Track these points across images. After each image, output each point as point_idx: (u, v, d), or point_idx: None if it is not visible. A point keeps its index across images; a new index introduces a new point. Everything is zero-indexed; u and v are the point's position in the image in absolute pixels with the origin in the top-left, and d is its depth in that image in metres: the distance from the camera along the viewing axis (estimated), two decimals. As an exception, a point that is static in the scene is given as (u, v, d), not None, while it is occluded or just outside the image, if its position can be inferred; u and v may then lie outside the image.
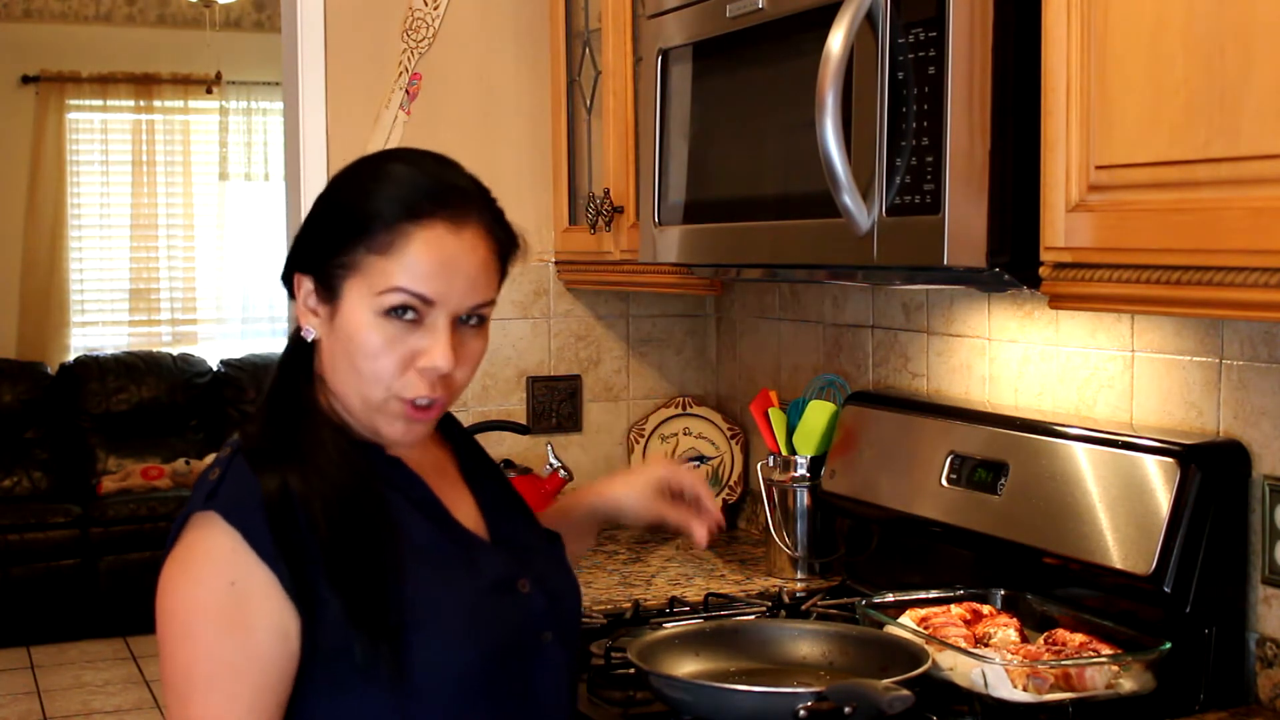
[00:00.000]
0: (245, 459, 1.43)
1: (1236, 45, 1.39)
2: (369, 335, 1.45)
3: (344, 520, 1.41)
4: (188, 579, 1.39)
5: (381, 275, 1.44)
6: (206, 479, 1.43)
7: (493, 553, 1.54)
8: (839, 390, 2.59)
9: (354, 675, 1.40)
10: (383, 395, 1.46)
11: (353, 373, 1.47)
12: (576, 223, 2.89)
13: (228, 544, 1.37)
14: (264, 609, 1.37)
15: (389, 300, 1.44)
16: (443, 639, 1.43)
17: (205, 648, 1.37)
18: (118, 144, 7.40)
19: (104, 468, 6.53)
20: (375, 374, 1.45)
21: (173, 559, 1.40)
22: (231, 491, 1.40)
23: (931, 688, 1.74)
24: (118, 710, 5.26)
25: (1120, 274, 1.54)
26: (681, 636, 1.89)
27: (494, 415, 2.94)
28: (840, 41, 1.74)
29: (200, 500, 1.41)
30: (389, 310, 1.44)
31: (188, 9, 7.27)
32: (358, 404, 1.48)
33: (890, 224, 1.76)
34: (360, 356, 1.45)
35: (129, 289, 7.46)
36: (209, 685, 1.36)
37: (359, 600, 1.39)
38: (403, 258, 1.44)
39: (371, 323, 1.45)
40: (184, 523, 1.41)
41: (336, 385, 1.49)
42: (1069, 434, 1.99)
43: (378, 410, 1.47)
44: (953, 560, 2.17)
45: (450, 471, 1.62)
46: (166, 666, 1.39)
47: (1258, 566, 1.83)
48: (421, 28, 2.91)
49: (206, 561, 1.38)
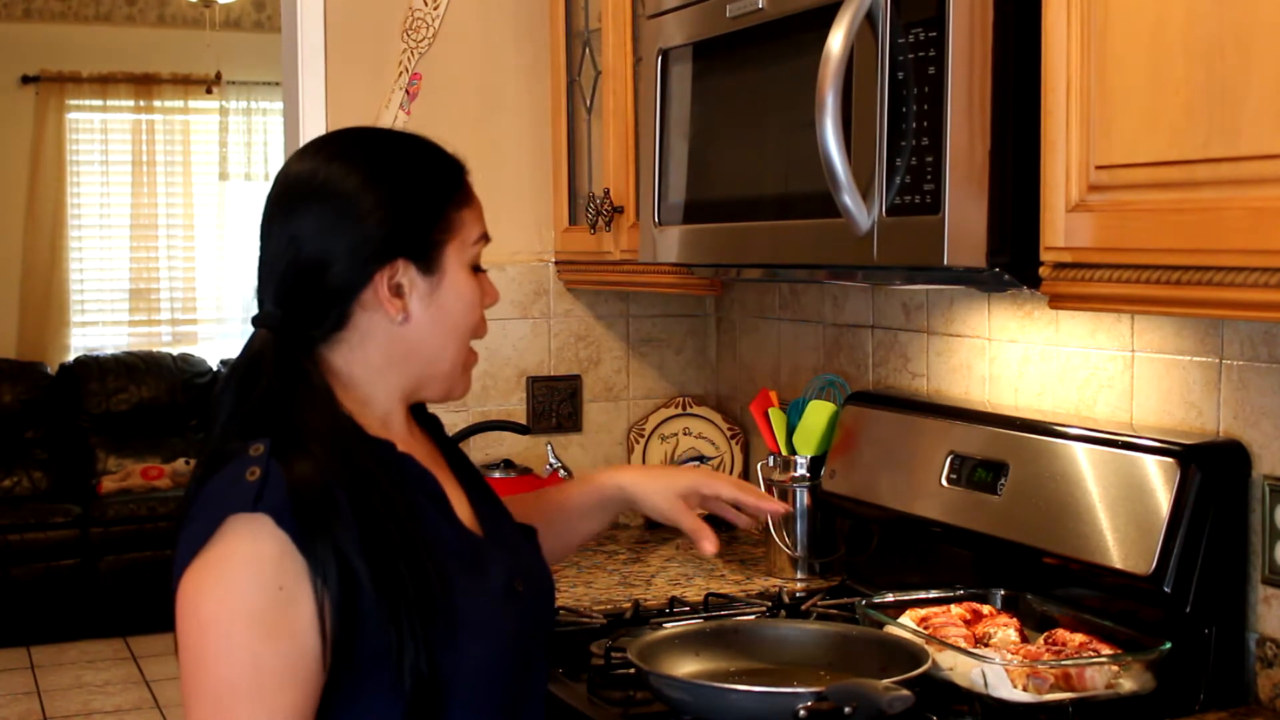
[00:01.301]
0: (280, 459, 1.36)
1: (1236, 45, 1.39)
2: (470, 289, 1.53)
3: (387, 521, 1.38)
4: (230, 583, 1.32)
5: (469, 226, 1.54)
6: (242, 480, 1.34)
7: (495, 551, 1.54)
8: (839, 390, 2.59)
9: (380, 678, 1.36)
10: (467, 350, 1.55)
11: (452, 335, 1.52)
12: (576, 223, 2.89)
13: (276, 547, 1.31)
14: (311, 614, 1.32)
15: (477, 249, 1.54)
16: (467, 638, 1.42)
17: (250, 656, 1.30)
18: (118, 144, 7.41)
19: (104, 468, 6.53)
20: (471, 325, 1.54)
21: (207, 562, 1.32)
22: (278, 494, 1.33)
23: (931, 688, 1.74)
24: (118, 710, 5.26)
25: (1120, 274, 1.54)
26: (681, 636, 1.89)
27: (494, 415, 2.94)
28: (840, 41, 1.74)
29: (243, 502, 1.33)
30: (475, 267, 1.54)
31: (188, 9, 7.27)
32: (449, 368, 1.54)
33: (890, 224, 1.76)
34: (465, 313, 1.52)
35: (129, 289, 7.46)
36: (255, 696, 1.30)
37: (404, 603, 1.35)
38: (475, 205, 1.56)
39: (469, 279, 1.54)
40: (215, 525, 1.33)
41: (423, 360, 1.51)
42: (1069, 434, 1.99)
43: (464, 368, 1.56)
44: (953, 560, 2.17)
45: (442, 462, 1.61)
46: (199, 676, 1.31)
47: (1258, 566, 1.83)
48: (421, 28, 2.91)
49: (253, 564, 1.31)
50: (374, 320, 1.48)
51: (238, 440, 1.40)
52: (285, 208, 1.50)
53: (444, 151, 1.58)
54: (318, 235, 1.47)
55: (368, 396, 1.50)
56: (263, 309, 1.50)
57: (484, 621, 1.45)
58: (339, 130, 1.63)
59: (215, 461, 1.40)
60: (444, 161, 1.56)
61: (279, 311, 1.48)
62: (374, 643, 1.35)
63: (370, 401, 1.50)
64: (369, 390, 1.50)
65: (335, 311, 1.48)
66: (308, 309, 1.48)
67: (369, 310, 1.48)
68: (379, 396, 1.50)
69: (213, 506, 1.35)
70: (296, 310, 1.48)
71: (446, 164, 1.56)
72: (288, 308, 1.48)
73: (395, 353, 1.50)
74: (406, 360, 1.51)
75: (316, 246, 1.47)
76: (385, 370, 1.50)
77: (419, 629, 1.36)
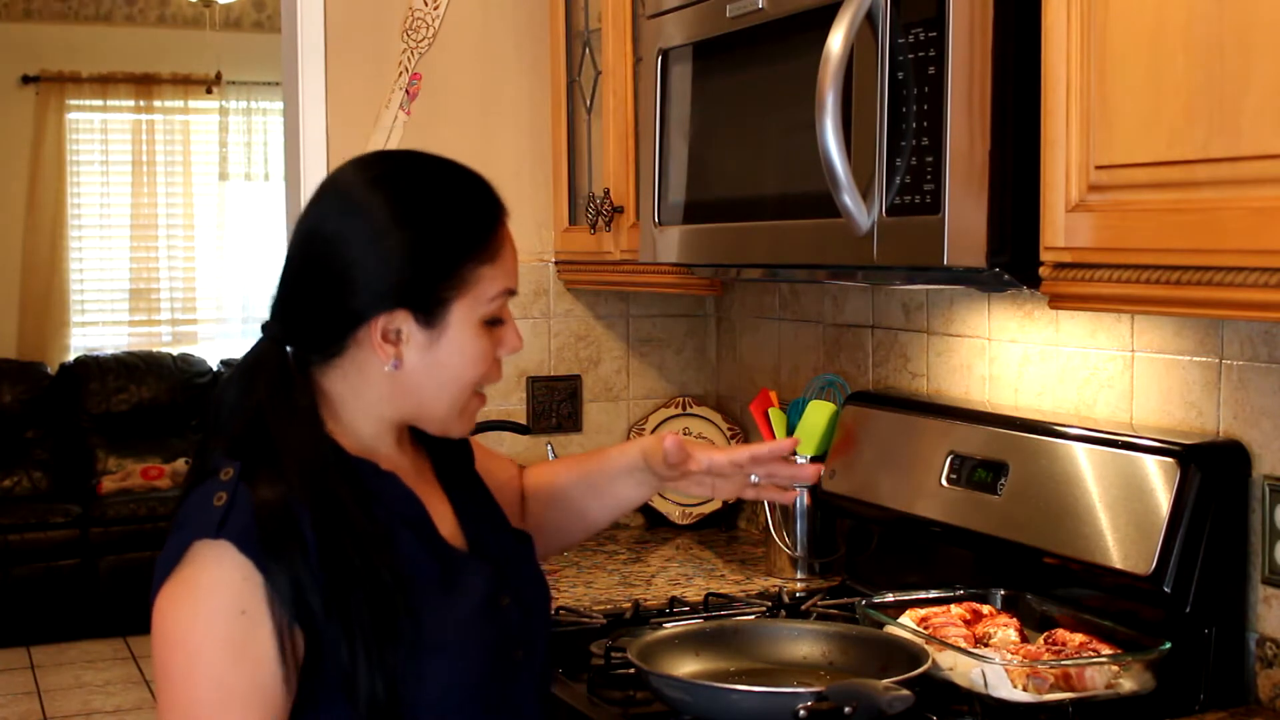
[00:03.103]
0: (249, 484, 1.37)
1: (1236, 45, 1.39)
2: (476, 344, 1.48)
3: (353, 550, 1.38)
4: (195, 608, 1.34)
5: (490, 282, 1.47)
6: (210, 505, 1.36)
7: (477, 568, 1.52)
8: (839, 390, 2.59)
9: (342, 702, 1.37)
10: (467, 397, 1.50)
11: (450, 385, 1.48)
12: (576, 223, 2.89)
13: (239, 573, 1.33)
14: (272, 638, 1.33)
15: (496, 305, 1.47)
16: (435, 662, 1.42)
17: (215, 677, 1.33)
18: (118, 144, 7.40)
19: (104, 468, 6.52)
20: (473, 378, 1.49)
21: (176, 586, 1.35)
22: (242, 520, 1.35)
23: (931, 688, 1.74)
24: (118, 710, 5.26)
25: (1120, 274, 1.54)
26: (681, 636, 1.89)
27: (494, 415, 2.94)
28: (840, 41, 1.74)
29: (208, 528, 1.35)
30: (491, 317, 1.48)
31: (188, 9, 7.27)
32: (444, 413, 1.49)
33: (890, 224, 1.76)
34: (466, 367, 1.47)
35: (129, 289, 7.46)
36: (221, 716, 1.33)
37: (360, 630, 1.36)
38: (504, 258, 1.49)
39: (478, 333, 1.48)
40: (183, 549, 1.36)
41: (412, 403, 1.48)
42: (1069, 434, 1.99)
43: (460, 413, 1.51)
44: (953, 560, 2.17)
45: (429, 476, 1.59)
46: (169, 693, 1.35)
47: (1258, 566, 1.83)
48: (421, 28, 2.91)
49: (217, 590, 1.34)
50: (369, 358, 1.47)
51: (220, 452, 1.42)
52: (320, 215, 1.49)
53: (485, 195, 1.51)
54: (336, 256, 1.45)
55: (354, 422, 1.49)
56: (271, 316, 1.51)
57: (455, 642, 1.44)
58: (396, 151, 1.60)
59: (197, 476, 1.42)
60: (478, 209, 1.49)
61: (279, 326, 1.49)
62: (333, 667, 1.36)
63: (355, 427, 1.49)
64: (356, 418, 1.49)
65: (332, 337, 1.47)
66: (308, 327, 1.48)
67: (364, 348, 1.46)
68: (366, 424, 1.49)
69: (184, 529, 1.38)
70: (297, 327, 1.49)
71: (480, 212, 1.49)
72: (289, 322, 1.49)
73: (385, 392, 1.48)
74: (395, 400, 1.49)
75: (333, 267, 1.45)
76: (376, 404, 1.49)
77: (375, 655, 1.36)
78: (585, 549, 2.81)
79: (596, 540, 2.89)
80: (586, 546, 2.83)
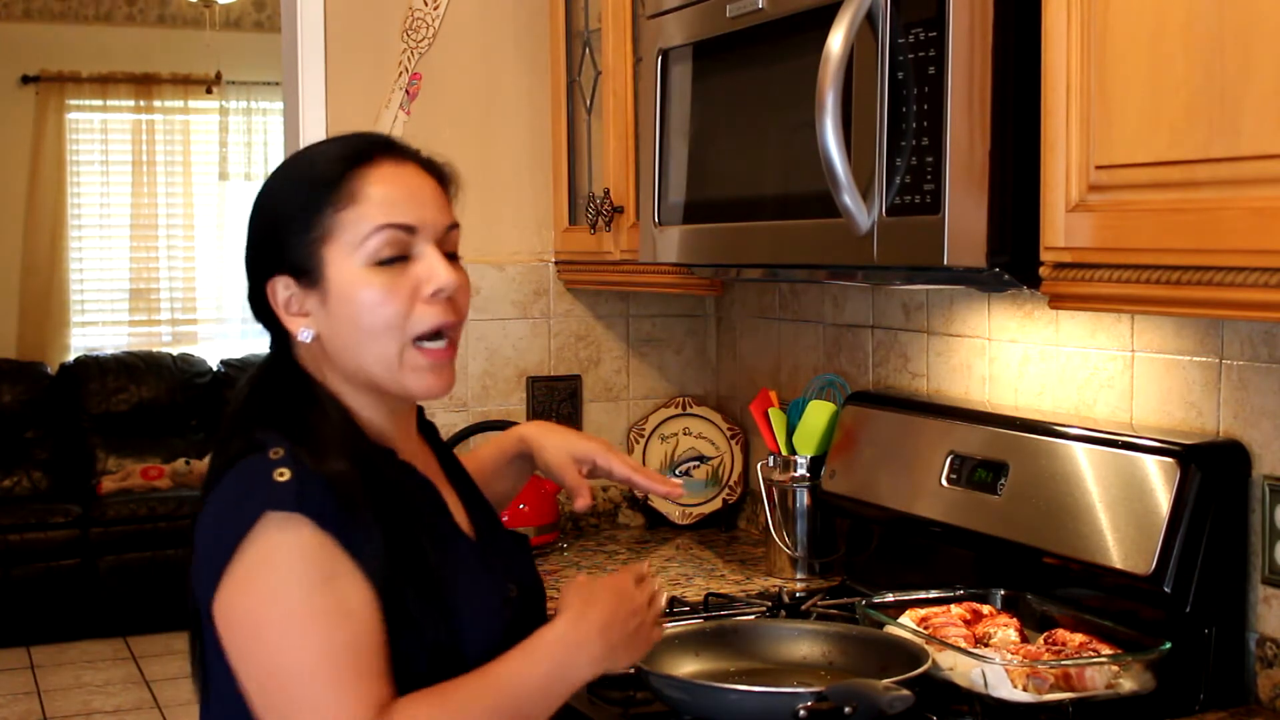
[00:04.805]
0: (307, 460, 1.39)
1: (1236, 45, 1.39)
2: (367, 288, 1.44)
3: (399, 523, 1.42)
4: (282, 580, 1.35)
5: (357, 223, 1.45)
6: (270, 478, 1.37)
7: (491, 559, 1.55)
8: (839, 390, 2.59)
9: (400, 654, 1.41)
10: (398, 345, 1.46)
11: (364, 336, 1.45)
12: (576, 223, 2.89)
13: (316, 540, 1.35)
14: (363, 599, 1.37)
15: (375, 242, 1.44)
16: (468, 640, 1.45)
17: (322, 643, 1.34)
18: (118, 144, 7.40)
19: (104, 468, 6.52)
20: (386, 323, 1.45)
21: (251, 562, 1.36)
22: (316, 493, 1.37)
23: (931, 688, 1.74)
24: (118, 710, 5.26)
25: (1120, 274, 1.54)
26: (681, 636, 1.89)
27: (494, 415, 2.94)
28: (840, 41, 1.75)
29: (283, 501, 1.36)
30: (380, 261, 1.44)
31: (188, 9, 7.27)
32: (381, 370, 1.47)
33: (890, 224, 1.76)
34: (365, 313, 1.44)
35: (129, 289, 7.46)
36: (336, 678, 1.34)
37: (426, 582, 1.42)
38: (370, 198, 1.45)
39: (366, 276, 1.45)
40: (253, 520, 1.36)
41: (352, 366, 1.48)
42: (1069, 434, 1.99)
43: (400, 367, 1.46)
44: (953, 560, 2.17)
45: (435, 468, 1.62)
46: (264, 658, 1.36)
47: (1258, 566, 1.83)
48: (421, 28, 2.91)
49: (301, 560, 1.35)
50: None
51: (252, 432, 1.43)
52: None
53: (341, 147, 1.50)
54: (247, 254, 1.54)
55: (368, 375, 1.49)
56: None
57: (485, 620, 1.47)
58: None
59: (230, 455, 1.42)
60: (327, 161, 1.48)
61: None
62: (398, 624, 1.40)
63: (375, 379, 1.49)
64: (360, 370, 1.49)
65: (267, 322, 1.52)
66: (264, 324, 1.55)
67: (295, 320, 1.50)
68: (376, 371, 1.49)
69: (250, 500, 1.37)
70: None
71: (328, 163, 1.48)
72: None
73: (328, 364, 1.50)
74: (344, 369, 1.49)
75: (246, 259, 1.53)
76: (340, 383, 1.50)
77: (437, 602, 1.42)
78: (585, 549, 2.81)
79: (596, 540, 2.89)
80: (586, 547, 2.83)
